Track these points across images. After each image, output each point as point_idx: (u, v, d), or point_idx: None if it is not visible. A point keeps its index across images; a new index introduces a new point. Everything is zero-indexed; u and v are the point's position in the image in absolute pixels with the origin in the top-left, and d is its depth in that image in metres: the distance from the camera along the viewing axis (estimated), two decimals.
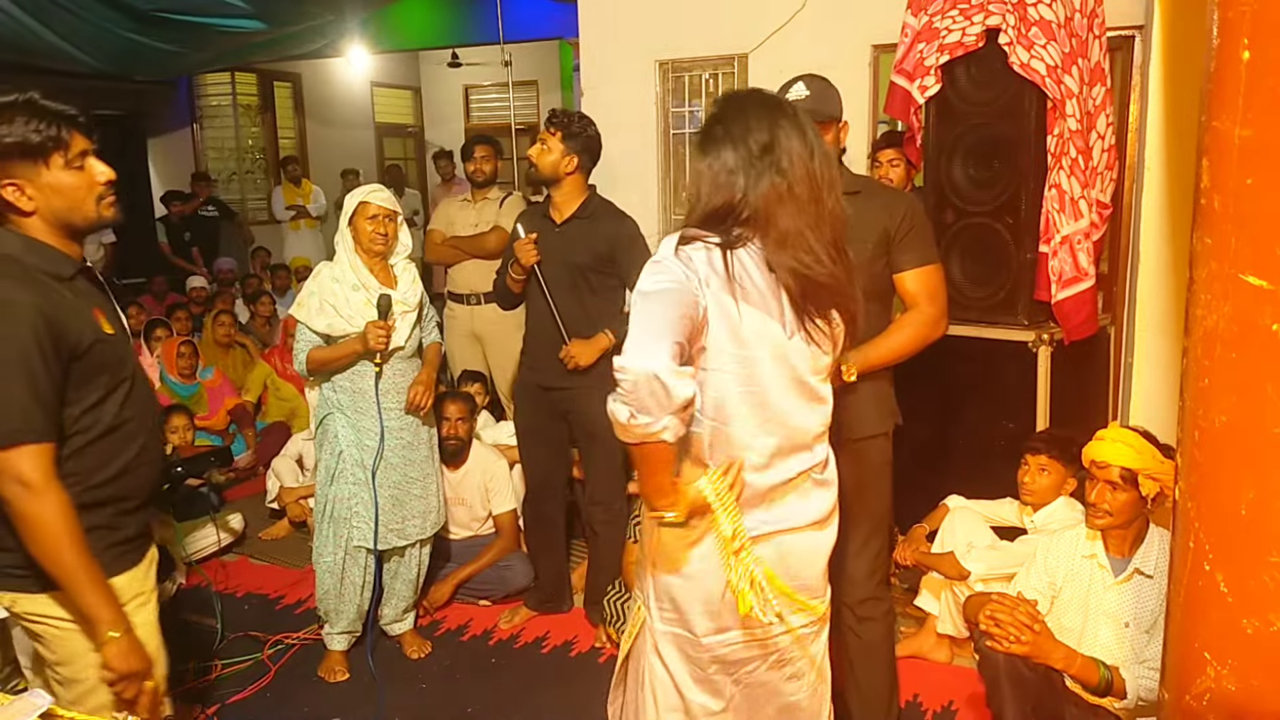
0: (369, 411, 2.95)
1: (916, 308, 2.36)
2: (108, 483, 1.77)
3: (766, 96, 1.70)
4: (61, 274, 1.74)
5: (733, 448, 1.66)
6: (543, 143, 3.11)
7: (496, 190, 4.53)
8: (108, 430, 1.76)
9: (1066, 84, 2.90)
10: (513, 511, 3.69)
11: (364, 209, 2.91)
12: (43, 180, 1.70)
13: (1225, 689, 1.14)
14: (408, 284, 3.00)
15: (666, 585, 1.73)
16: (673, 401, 1.50)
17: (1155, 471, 2.28)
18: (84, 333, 1.71)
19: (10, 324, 1.62)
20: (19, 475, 1.61)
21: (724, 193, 1.62)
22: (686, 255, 1.59)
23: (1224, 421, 1.10)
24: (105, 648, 1.69)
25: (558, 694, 2.97)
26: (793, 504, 1.73)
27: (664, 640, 1.76)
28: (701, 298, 1.57)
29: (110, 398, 1.76)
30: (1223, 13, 1.06)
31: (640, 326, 1.54)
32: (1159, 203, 2.82)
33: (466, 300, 4.49)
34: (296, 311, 2.97)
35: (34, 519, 1.63)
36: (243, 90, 9.11)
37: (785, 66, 4.12)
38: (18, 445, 1.61)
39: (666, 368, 1.48)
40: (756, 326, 1.61)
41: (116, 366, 1.78)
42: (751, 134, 1.61)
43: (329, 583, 3.04)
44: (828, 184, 1.63)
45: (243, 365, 5.73)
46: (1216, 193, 1.09)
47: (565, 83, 10.10)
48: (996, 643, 2.27)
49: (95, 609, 1.68)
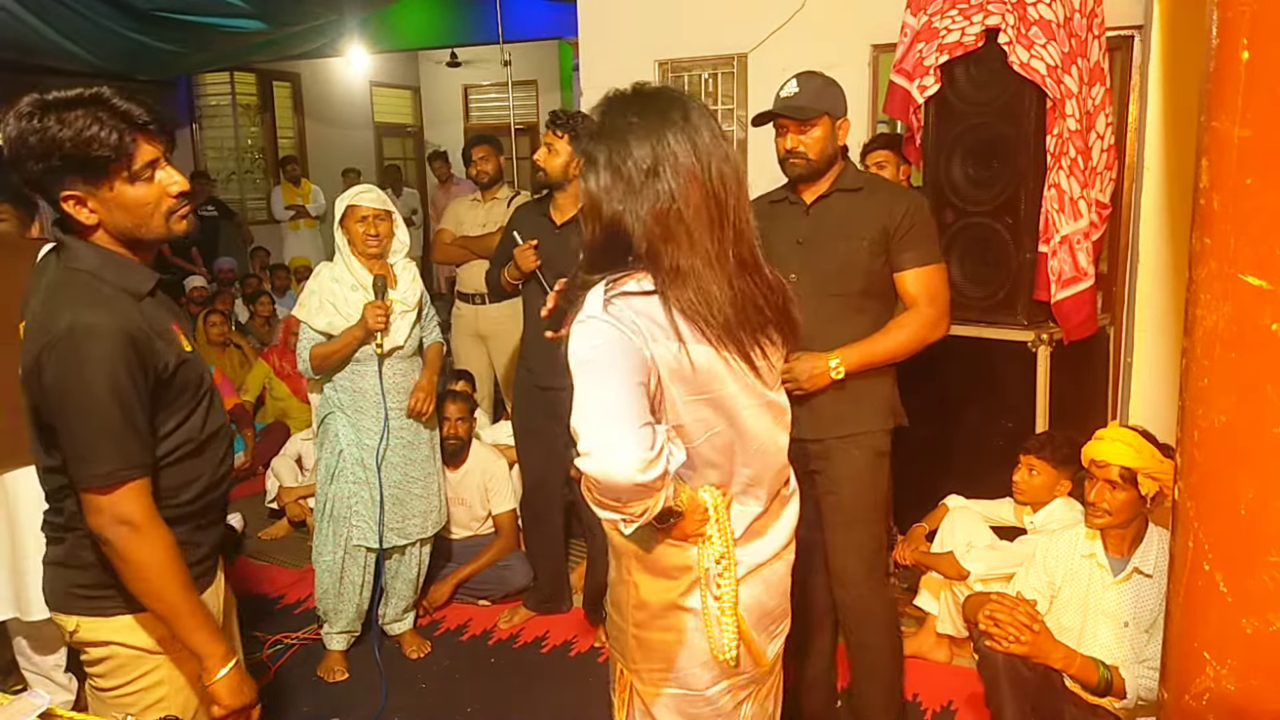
0: (369, 411, 2.95)
1: (915, 308, 2.35)
2: (190, 501, 1.67)
3: (651, 101, 1.46)
4: (140, 290, 1.59)
5: (708, 483, 1.52)
6: (549, 146, 3.09)
7: (506, 189, 4.53)
8: (191, 449, 1.66)
9: (1066, 84, 2.90)
10: (512, 511, 3.69)
11: (353, 212, 2.90)
12: (105, 195, 1.53)
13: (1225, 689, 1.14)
14: (407, 283, 3.00)
15: (655, 644, 1.56)
16: (658, 484, 1.35)
17: (1154, 471, 2.28)
18: (168, 354, 1.58)
19: (98, 352, 1.48)
20: (124, 516, 1.51)
21: (610, 226, 1.42)
22: (618, 310, 1.38)
23: (1223, 421, 1.10)
24: (218, 684, 1.60)
25: (557, 694, 2.97)
26: (771, 532, 1.61)
27: (659, 705, 1.58)
28: (648, 352, 1.38)
29: (193, 416, 1.65)
30: (1222, 13, 1.06)
31: (593, 413, 1.33)
32: (1158, 203, 2.82)
33: (473, 300, 4.50)
34: (298, 312, 2.98)
35: (142, 560, 1.53)
36: (242, 90, 9.10)
37: (785, 66, 4.12)
38: (121, 485, 1.50)
39: (639, 466, 1.30)
40: (707, 363, 1.43)
41: (197, 384, 1.67)
42: (631, 155, 1.40)
43: (328, 582, 3.04)
44: (731, 195, 1.43)
45: (239, 365, 5.74)
46: (1216, 193, 1.08)
47: (565, 82, 10.10)
48: (996, 642, 2.27)
49: (206, 645, 1.59)
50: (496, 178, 4.50)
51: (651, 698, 1.58)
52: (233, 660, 1.63)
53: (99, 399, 1.48)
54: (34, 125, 1.46)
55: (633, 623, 1.58)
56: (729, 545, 1.51)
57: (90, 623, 1.64)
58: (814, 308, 2.39)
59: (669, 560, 1.53)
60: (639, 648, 1.58)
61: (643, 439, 1.31)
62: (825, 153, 2.37)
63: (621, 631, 1.61)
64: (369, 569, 3.04)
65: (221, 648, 1.62)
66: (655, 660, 1.56)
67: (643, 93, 1.48)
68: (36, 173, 1.49)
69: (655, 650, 1.56)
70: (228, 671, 1.61)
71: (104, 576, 1.60)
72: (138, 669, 1.67)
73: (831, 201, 2.41)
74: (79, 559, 1.62)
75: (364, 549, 3.01)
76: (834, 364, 2.31)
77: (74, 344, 1.48)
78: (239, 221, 8.67)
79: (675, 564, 1.53)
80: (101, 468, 1.50)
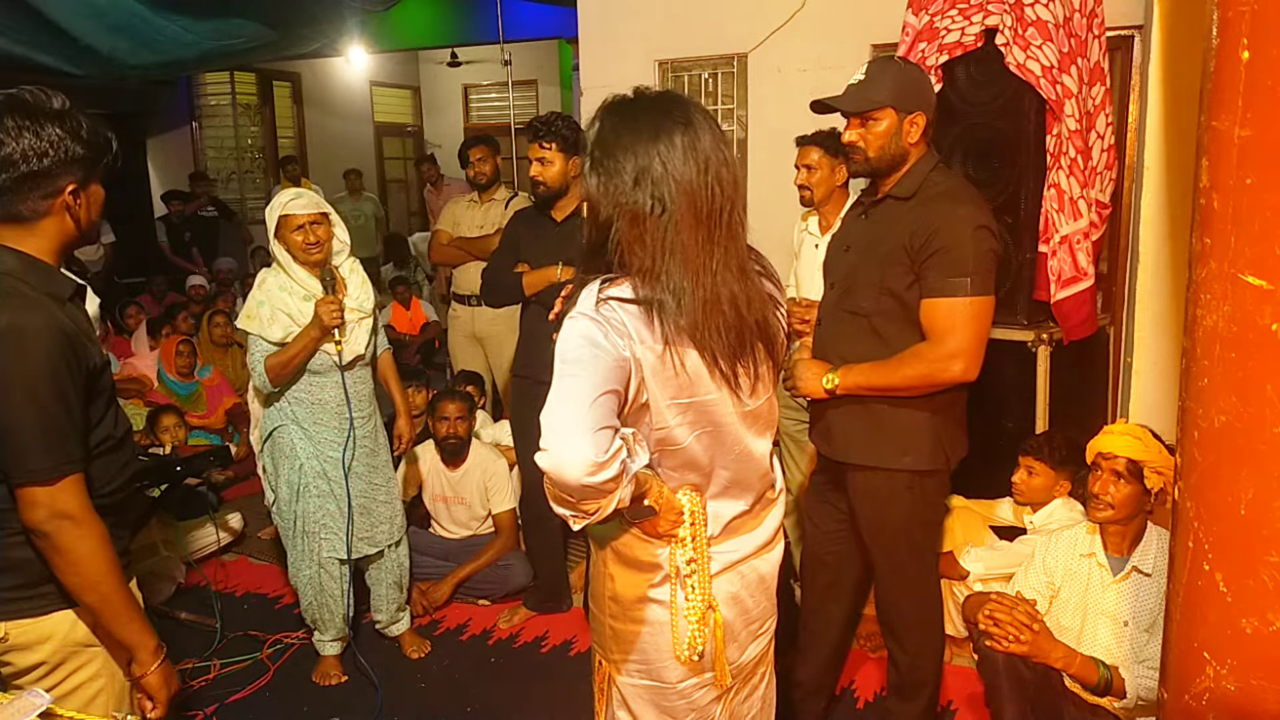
0: (329, 422, 2.88)
1: (925, 343, 2.13)
2: (113, 493, 1.71)
3: (652, 105, 1.46)
4: (62, 295, 1.63)
5: (687, 483, 1.53)
6: (541, 160, 3.04)
7: (503, 190, 4.52)
8: (113, 444, 1.70)
9: (1065, 84, 2.90)
10: (512, 511, 3.69)
11: (287, 221, 2.77)
12: (92, 191, 1.64)
13: (1224, 689, 1.14)
14: (358, 286, 2.91)
15: (629, 636, 1.58)
16: (608, 487, 1.35)
17: (1160, 465, 2.28)
18: (93, 352, 1.63)
19: (38, 349, 1.51)
20: (64, 509, 1.54)
21: (604, 227, 1.44)
22: (610, 310, 1.40)
23: (1223, 421, 1.10)
24: (151, 676, 1.64)
25: (557, 693, 2.97)
26: (751, 530, 1.62)
27: (634, 696, 1.61)
28: (630, 354, 1.39)
29: (109, 414, 1.70)
30: (1222, 12, 1.06)
31: (557, 411, 1.35)
32: (1158, 202, 2.82)
33: (468, 301, 4.49)
34: (246, 324, 2.81)
35: (81, 552, 1.55)
36: (242, 89, 9.11)
37: (785, 66, 4.15)
38: (62, 479, 1.54)
39: (588, 469, 1.30)
40: (692, 367, 1.44)
41: (112, 386, 1.73)
42: (624, 159, 1.41)
43: (310, 595, 3.02)
44: (727, 201, 1.43)
45: (241, 365, 5.73)
46: (1216, 192, 1.08)
47: (565, 81, 10.10)
48: (995, 642, 2.27)
49: (138, 636, 1.63)
50: (494, 179, 4.49)
51: (627, 688, 1.61)
52: (162, 654, 1.67)
53: (41, 395, 1.51)
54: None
55: (608, 614, 1.61)
56: (702, 550, 1.53)
57: (23, 626, 1.63)
58: (833, 321, 2.31)
59: (640, 554, 1.56)
60: (614, 638, 1.61)
61: (598, 443, 1.32)
62: (888, 150, 2.15)
63: (599, 622, 1.64)
64: (345, 578, 3.00)
65: (153, 640, 1.66)
66: (629, 651, 1.59)
67: (645, 96, 1.48)
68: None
69: (628, 641, 1.59)
70: (159, 665, 1.65)
71: (35, 574, 1.60)
72: (77, 662, 1.68)
73: (885, 208, 2.22)
74: (7, 560, 1.61)
75: (337, 561, 2.97)
76: (829, 377, 2.19)
77: (14, 342, 1.51)
78: (239, 221, 8.68)
79: (646, 559, 1.55)
80: (43, 462, 1.52)
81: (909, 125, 2.14)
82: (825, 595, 2.59)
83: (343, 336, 2.80)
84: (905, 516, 2.28)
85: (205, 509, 3.86)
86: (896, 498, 2.25)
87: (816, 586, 2.61)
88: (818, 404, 2.34)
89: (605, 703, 1.66)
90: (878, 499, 2.28)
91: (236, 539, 4.11)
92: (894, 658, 2.48)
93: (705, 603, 1.54)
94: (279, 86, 9.43)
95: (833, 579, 2.56)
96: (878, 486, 2.26)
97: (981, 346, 2.14)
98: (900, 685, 2.49)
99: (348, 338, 2.83)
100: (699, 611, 1.53)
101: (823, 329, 2.37)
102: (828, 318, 2.36)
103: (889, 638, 2.47)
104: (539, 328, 3.16)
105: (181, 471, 3.68)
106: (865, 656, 3.06)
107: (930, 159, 2.21)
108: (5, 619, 1.62)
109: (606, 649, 1.63)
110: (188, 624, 3.40)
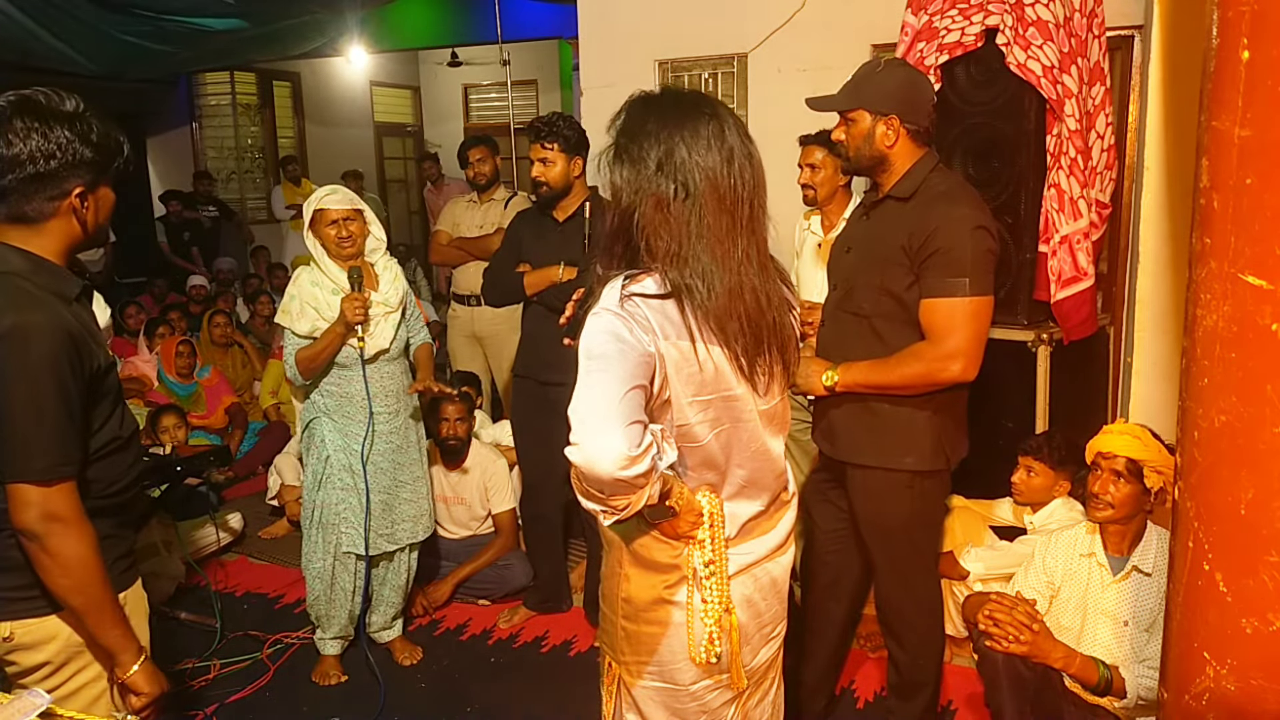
0: (356, 415, 2.91)
1: (924, 342, 2.14)
2: (117, 494, 1.70)
3: (679, 99, 1.50)
4: (68, 295, 1.62)
5: (704, 482, 1.54)
6: (543, 160, 3.04)
7: (503, 190, 4.52)
8: (118, 445, 1.70)
9: (1065, 84, 2.90)
10: (512, 511, 3.69)
11: (322, 216, 2.84)
12: (101, 194, 1.65)
13: (1224, 689, 1.14)
14: (389, 282, 2.95)
15: (641, 637, 1.57)
16: (640, 482, 1.36)
17: (1161, 465, 2.28)
18: (98, 353, 1.62)
19: (43, 349, 1.51)
20: (57, 512, 1.53)
21: (626, 215, 1.45)
22: (634, 306, 1.41)
23: (1223, 421, 1.10)
24: (135, 676, 1.64)
25: (557, 693, 2.97)
26: (766, 533, 1.62)
27: (644, 698, 1.60)
28: (654, 349, 1.40)
29: (114, 414, 1.70)
30: (1222, 12, 1.06)
31: (588, 405, 1.35)
32: (1158, 202, 2.82)
33: (468, 301, 4.49)
34: (281, 319, 2.92)
35: (70, 556, 1.54)
36: (242, 89, 9.10)
37: (785, 66, 4.15)
38: (58, 481, 1.53)
39: (621, 463, 1.31)
40: (716, 363, 1.46)
41: (118, 388, 1.72)
42: (650, 147, 1.43)
43: (319, 589, 3.01)
44: (749, 194, 1.45)
45: (241, 365, 5.74)
46: (1216, 192, 1.08)
47: (565, 81, 10.10)
48: (995, 642, 2.27)
49: (121, 640, 1.63)
50: (493, 179, 4.49)
51: (638, 690, 1.60)
52: (144, 655, 1.67)
53: (43, 395, 1.51)
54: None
55: (621, 615, 1.59)
56: (720, 551, 1.53)
57: (27, 625, 1.62)
58: (834, 323, 2.33)
59: (659, 556, 1.55)
60: (626, 640, 1.59)
61: (630, 436, 1.33)
62: (863, 151, 2.17)
63: (611, 624, 1.63)
64: (360, 575, 3.01)
65: (135, 643, 1.66)
66: (641, 653, 1.58)
67: (671, 91, 1.53)
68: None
69: (642, 643, 1.58)
70: (141, 664, 1.65)
71: (34, 575, 1.59)
72: (81, 662, 1.68)
73: (884, 209, 2.23)
74: (11, 559, 1.60)
75: (354, 556, 2.97)
76: (828, 375, 2.20)
77: (19, 341, 1.50)
78: (239, 221, 8.68)
79: (665, 560, 1.55)
80: (40, 462, 1.52)
81: (883, 127, 2.15)
82: (826, 594, 2.60)
83: (366, 332, 2.84)
84: (906, 516, 2.29)
85: (205, 509, 3.87)
86: (897, 497, 2.27)
87: (817, 586, 2.62)
88: (820, 404, 2.35)
89: (614, 705, 1.65)
90: (878, 498, 2.29)
91: (236, 539, 4.12)
92: (894, 657, 2.48)
93: (722, 605, 1.53)
94: (279, 86, 9.43)
95: (833, 578, 2.57)
96: (878, 486, 2.28)
97: (980, 347, 2.15)
98: (900, 685, 2.49)
99: (371, 332, 2.87)
100: (716, 614, 1.53)
101: (825, 330, 2.39)
102: (830, 319, 2.38)
103: (889, 637, 2.48)
104: (540, 328, 3.16)
105: (182, 471, 3.69)
106: (865, 656, 3.06)
107: (930, 160, 2.22)
108: (10, 618, 1.62)
109: (618, 650, 1.62)
110: (188, 624, 3.41)
